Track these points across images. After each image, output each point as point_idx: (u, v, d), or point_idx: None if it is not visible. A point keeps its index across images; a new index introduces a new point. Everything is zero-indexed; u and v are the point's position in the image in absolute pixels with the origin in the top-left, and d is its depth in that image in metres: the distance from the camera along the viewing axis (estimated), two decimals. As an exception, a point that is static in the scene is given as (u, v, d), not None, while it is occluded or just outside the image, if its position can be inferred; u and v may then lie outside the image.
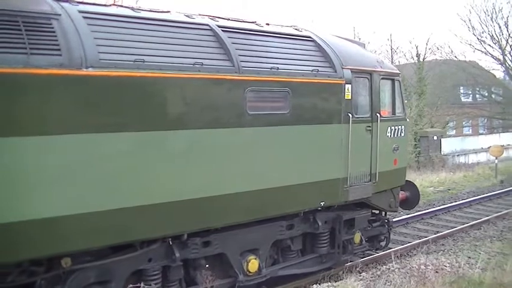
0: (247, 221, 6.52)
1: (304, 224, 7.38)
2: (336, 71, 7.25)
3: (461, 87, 38.28)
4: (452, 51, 36.31)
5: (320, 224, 7.46)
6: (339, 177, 7.31)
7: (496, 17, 35.07)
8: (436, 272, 7.44)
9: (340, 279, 7.52)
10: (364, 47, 9.21)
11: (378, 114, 7.82)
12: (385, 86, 8.11)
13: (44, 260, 5.17)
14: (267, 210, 6.65)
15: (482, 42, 35.89)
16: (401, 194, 8.85)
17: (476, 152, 29.00)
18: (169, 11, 6.45)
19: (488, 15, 35.33)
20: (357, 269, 8.08)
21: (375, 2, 59.46)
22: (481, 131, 38.39)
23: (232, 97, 6.14)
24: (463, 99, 38.78)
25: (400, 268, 7.84)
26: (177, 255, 6.01)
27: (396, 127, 8.25)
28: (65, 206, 4.89)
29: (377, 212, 8.74)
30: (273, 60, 6.63)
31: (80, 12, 5.42)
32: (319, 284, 7.36)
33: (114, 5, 6.02)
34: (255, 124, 6.32)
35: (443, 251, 9.36)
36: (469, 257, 8.61)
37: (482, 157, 27.97)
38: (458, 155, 27.81)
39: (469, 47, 37.80)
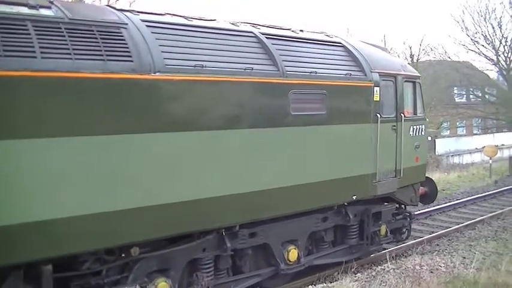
0: (289, 213, 7.05)
1: (336, 217, 7.93)
2: (365, 75, 7.81)
3: (455, 88, 38.84)
4: (446, 52, 36.84)
5: (351, 216, 8.02)
6: (368, 173, 7.87)
7: (490, 18, 35.66)
8: (431, 272, 7.58)
9: (336, 280, 7.60)
10: (388, 52, 9.78)
11: (401, 114, 8.40)
12: (408, 88, 8.69)
13: (116, 249, 5.65)
14: (306, 204, 7.18)
15: (475, 43, 36.47)
16: (421, 189, 9.43)
17: (470, 153, 29.55)
18: (215, 19, 6.97)
19: (482, 16, 35.86)
20: (352, 269, 8.06)
21: (368, 2, 60.33)
22: (475, 131, 39.19)
23: (278, 99, 6.66)
24: (457, 99, 39.44)
25: (395, 268, 7.87)
26: (228, 245, 6.51)
27: (417, 126, 8.83)
28: (145, 198, 5.42)
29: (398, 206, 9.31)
30: (311, 64, 7.17)
31: (143, 21, 5.92)
32: (315, 285, 7.49)
33: (168, 14, 6.49)
34: (297, 124, 6.85)
35: (438, 251, 9.41)
36: (464, 257, 8.71)
37: (477, 157, 28.42)
38: (452, 156, 28.35)
39: (463, 47, 38.31)
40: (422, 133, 9.01)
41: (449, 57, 36.95)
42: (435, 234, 10.71)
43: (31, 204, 4.77)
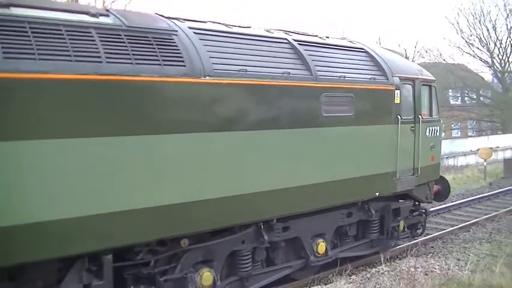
0: (318, 208, 7.51)
1: (360, 212, 8.41)
2: (387, 79, 8.31)
3: (450, 90, 39.47)
4: (440, 54, 37.51)
5: (373, 212, 8.50)
6: (390, 171, 8.36)
7: (484, 20, 36.36)
8: (426, 274, 7.64)
9: (330, 282, 7.65)
10: (404, 57, 10.30)
11: (419, 116, 8.91)
12: (424, 91, 9.21)
13: (168, 241, 6.07)
14: (335, 200, 7.65)
15: (470, 45, 37.16)
16: (435, 187, 9.94)
17: (465, 155, 29.79)
18: (250, 27, 7.42)
19: (477, 19, 36.54)
20: (347, 272, 8.04)
21: (364, 5, 61.05)
22: (469, 134, 39.84)
23: (311, 101, 7.13)
24: (451, 101, 40.12)
25: (390, 271, 7.92)
26: (266, 238, 6.95)
27: (433, 127, 9.35)
28: (197, 192, 5.87)
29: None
30: (339, 69, 7.65)
31: (190, 28, 6.36)
32: (310, 287, 7.61)
33: (209, 21, 6.93)
34: (328, 124, 7.32)
35: (433, 253, 9.48)
36: (459, 259, 8.80)
37: (471, 159, 28.61)
38: (447, 158, 28.57)
39: (458, 49, 39.12)
40: (437, 134, 9.53)
41: (444, 60, 37.61)
42: (430, 236, 10.69)
43: (98, 198, 5.17)
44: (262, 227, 6.91)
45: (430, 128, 9.27)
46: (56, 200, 4.90)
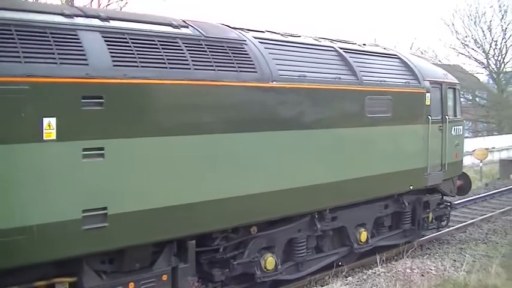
0: (363, 200, 8.29)
1: (395, 205, 9.21)
2: (419, 83, 9.13)
3: (446, 91, 40.28)
4: (436, 56, 37.52)
5: (406, 204, 9.30)
6: (422, 167, 9.18)
7: (479, 21, 36.49)
8: (422, 275, 7.74)
9: (327, 284, 7.72)
10: (431, 62, 11.15)
11: (446, 116, 9.73)
12: (450, 94, 10.05)
13: (241, 228, 6.80)
14: (375, 192, 8.44)
15: (465, 46, 37.24)
16: (458, 182, 10.77)
17: None
18: (300, 35, 8.18)
19: (472, 20, 36.67)
20: (343, 273, 8.06)
21: (358, 7, 62.00)
22: (465, 134, 40.59)
23: (358, 103, 7.91)
24: (447, 102, 40.94)
25: (386, 272, 8.00)
26: (319, 226, 7.70)
27: (457, 127, 10.19)
28: (269, 184, 6.61)
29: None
30: (379, 74, 8.45)
31: (255, 38, 7.10)
32: None
33: (267, 31, 7.67)
34: (370, 124, 8.10)
35: (429, 254, 9.57)
36: (455, 260, 8.92)
37: (467, 160, 28.86)
38: None
39: (453, 51, 39.52)
40: (460, 133, 10.39)
41: (439, 61, 37.95)
42: (426, 237, 10.56)
43: (181, 190, 5.87)
44: (316, 216, 7.65)
45: (455, 127, 10.11)
46: (166, 188, 5.68)
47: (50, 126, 4.94)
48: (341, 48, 8.22)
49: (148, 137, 5.56)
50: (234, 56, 6.50)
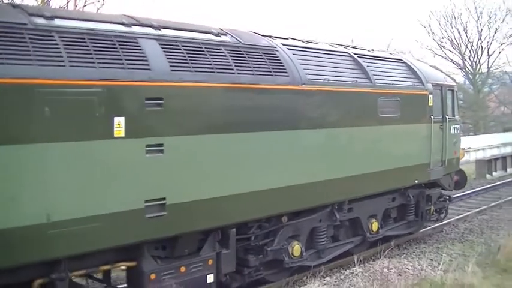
0: (376, 192, 9.05)
1: (401, 198, 10.00)
2: (423, 85, 9.95)
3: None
4: (413, 56, 39.51)
5: (412, 197, 10.11)
6: (425, 162, 10.00)
7: (456, 23, 37.91)
8: (399, 275, 7.81)
9: (304, 284, 7.80)
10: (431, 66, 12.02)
11: (446, 116, 10.58)
12: (449, 95, 10.91)
13: (273, 218, 7.46)
14: (385, 186, 9.21)
15: (442, 48, 38.54)
16: (455, 178, 11.65)
17: None
18: (318, 42, 8.89)
19: (448, 21, 38.04)
20: (321, 273, 8.14)
21: (335, 8, 63.00)
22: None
23: (371, 104, 8.67)
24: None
25: (364, 272, 8.06)
26: (338, 217, 8.43)
27: (455, 126, 11.06)
28: (298, 177, 7.30)
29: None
30: (389, 77, 9.22)
31: (283, 45, 7.78)
32: None
33: (290, 38, 8.35)
34: (382, 123, 8.87)
35: (406, 254, 9.69)
36: (431, 260, 9.05)
37: None
38: None
39: (430, 52, 40.83)
40: (458, 131, 11.27)
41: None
42: (403, 238, 10.59)
43: (226, 182, 6.50)
44: (336, 207, 8.38)
45: (453, 126, 10.98)
46: (213, 180, 6.31)
47: (119, 124, 5.53)
48: (354, 54, 8.96)
49: (201, 134, 6.19)
50: (268, 62, 7.17)
